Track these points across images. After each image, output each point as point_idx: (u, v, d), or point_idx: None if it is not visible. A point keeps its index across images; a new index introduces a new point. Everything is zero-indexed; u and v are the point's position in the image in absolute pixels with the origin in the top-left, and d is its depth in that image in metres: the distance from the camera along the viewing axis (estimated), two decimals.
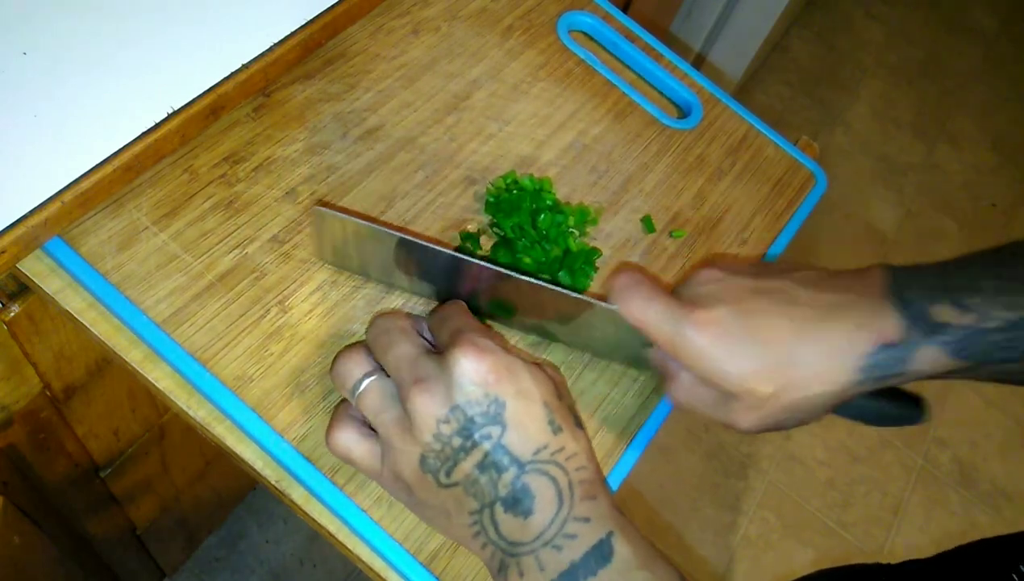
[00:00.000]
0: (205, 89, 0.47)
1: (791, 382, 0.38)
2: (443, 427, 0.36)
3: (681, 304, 0.40)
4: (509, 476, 0.36)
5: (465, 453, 0.36)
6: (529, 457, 0.36)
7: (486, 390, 0.36)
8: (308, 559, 1.15)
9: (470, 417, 0.36)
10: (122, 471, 0.70)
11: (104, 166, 0.43)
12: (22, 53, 0.45)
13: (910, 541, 1.41)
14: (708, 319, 0.39)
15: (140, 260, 0.44)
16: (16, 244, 0.41)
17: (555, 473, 0.36)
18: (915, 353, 0.37)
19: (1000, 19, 2.29)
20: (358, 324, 0.46)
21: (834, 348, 0.38)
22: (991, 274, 0.38)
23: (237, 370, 0.43)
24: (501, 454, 0.36)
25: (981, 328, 0.37)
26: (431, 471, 0.37)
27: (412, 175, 0.52)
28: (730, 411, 0.40)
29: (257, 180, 0.49)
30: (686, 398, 0.41)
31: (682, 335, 0.39)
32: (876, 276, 0.40)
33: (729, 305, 0.39)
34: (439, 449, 0.36)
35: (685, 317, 0.39)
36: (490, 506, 0.36)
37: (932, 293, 0.38)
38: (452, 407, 0.36)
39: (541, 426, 0.37)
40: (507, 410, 0.36)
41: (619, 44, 0.63)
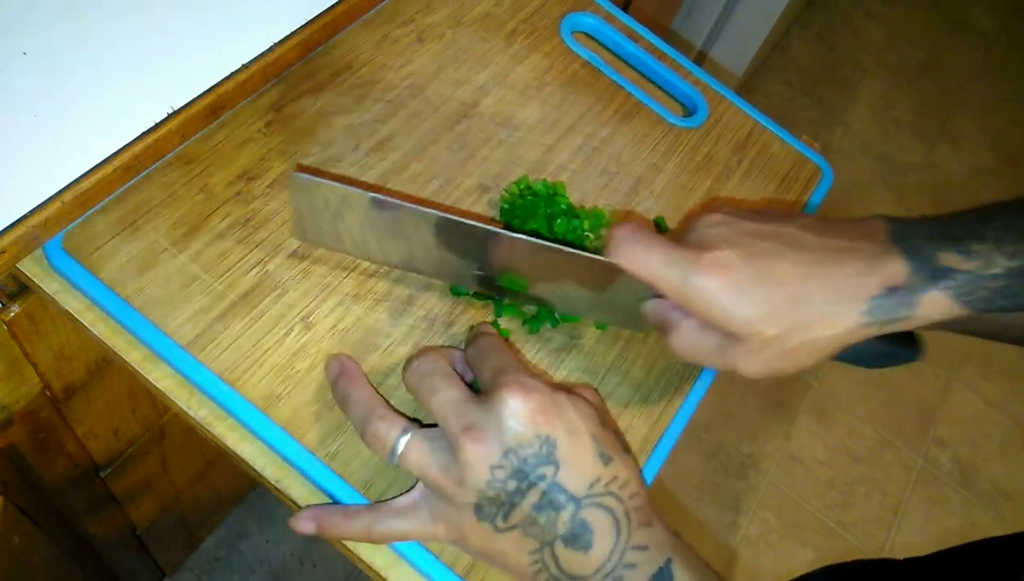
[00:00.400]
0: (205, 89, 0.47)
1: (797, 323, 0.38)
2: (497, 472, 0.36)
3: (685, 249, 0.39)
4: (567, 513, 0.36)
5: (521, 496, 0.36)
6: (584, 492, 0.36)
7: (536, 431, 0.36)
8: (308, 559, 1.15)
9: (523, 459, 0.36)
10: (122, 471, 0.70)
11: (104, 166, 0.43)
12: (22, 53, 0.45)
13: (910, 541, 1.41)
14: (715, 261, 0.38)
15: (161, 283, 0.44)
16: (16, 244, 0.41)
17: (611, 504, 0.36)
18: (921, 297, 0.37)
19: (1000, 19, 2.29)
20: (382, 337, 0.46)
21: (840, 291, 0.38)
22: (994, 223, 0.37)
23: (265, 390, 0.43)
24: (557, 492, 0.36)
25: (985, 274, 0.36)
26: (488, 518, 0.36)
27: (426, 185, 0.52)
28: (735, 356, 0.39)
29: (273, 196, 0.48)
30: (688, 347, 0.41)
31: (688, 280, 0.38)
32: (877, 225, 0.40)
33: (736, 248, 0.39)
34: (494, 495, 0.36)
35: (692, 261, 0.38)
36: (550, 544, 0.36)
37: (935, 240, 0.38)
38: (505, 451, 0.36)
39: (592, 459, 0.36)
40: (559, 448, 0.36)
41: (622, 44, 0.63)
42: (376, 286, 0.47)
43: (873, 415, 1.54)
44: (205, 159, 0.48)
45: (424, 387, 0.39)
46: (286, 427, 0.42)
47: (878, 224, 0.40)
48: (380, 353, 0.46)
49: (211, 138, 0.49)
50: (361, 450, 0.43)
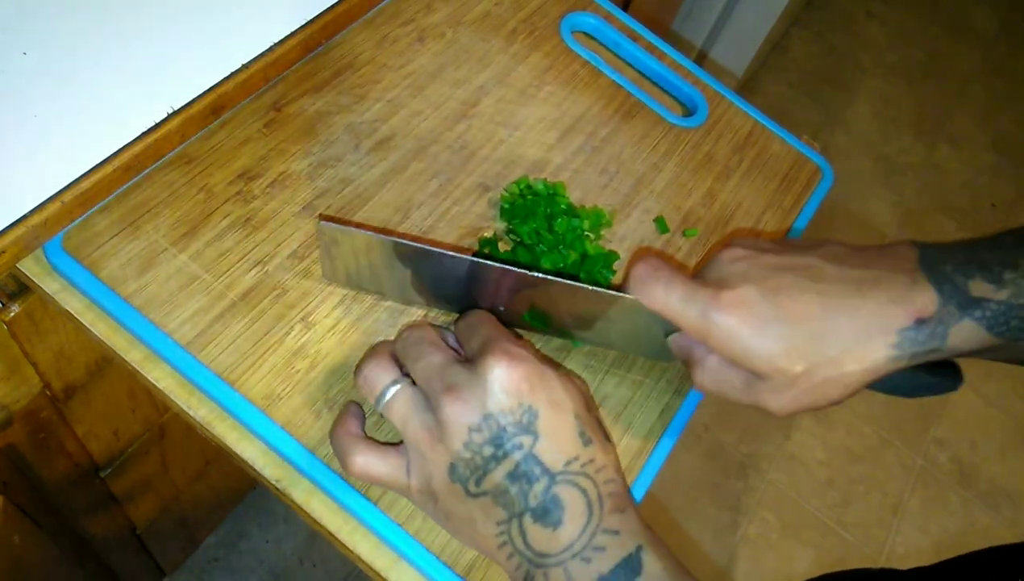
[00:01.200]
0: (205, 89, 0.47)
1: (823, 360, 0.37)
2: (475, 435, 0.35)
3: (705, 286, 0.39)
4: (540, 487, 0.35)
5: (496, 462, 0.36)
6: (560, 468, 0.36)
7: (520, 399, 0.36)
8: (308, 559, 1.15)
9: (502, 426, 0.35)
10: (122, 471, 0.70)
11: (104, 166, 0.43)
12: (22, 53, 0.45)
13: (910, 541, 1.41)
14: (735, 299, 0.38)
15: (161, 282, 0.44)
16: (16, 244, 0.41)
17: (585, 485, 0.36)
18: (951, 328, 0.36)
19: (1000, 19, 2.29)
20: (382, 337, 0.46)
21: (867, 324, 0.37)
22: (1021, 250, 0.37)
23: (265, 389, 0.43)
24: (532, 464, 0.35)
25: (1018, 302, 0.36)
26: (460, 480, 0.36)
27: (426, 185, 0.52)
28: (760, 393, 0.39)
29: (273, 196, 0.48)
30: (714, 383, 0.40)
31: (708, 318, 0.38)
32: (906, 251, 0.39)
33: (755, 283, 0.38)
34: (469, 458, 0.36)
35: (710, 299, 0.38)
36: (519, 516, 0.36)
37: (966, 267, 0.37)
38: (485, 415, 0.35)
39: (572, 437, 0.36)
40: (539, 420, 0.36)
41: (622, 44, 0.63)
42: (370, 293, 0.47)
43: (873, 415, 1.54)
44: (205, 159, 0.48)
45: (411, 354, 0.39)
46: (286, 427, 0.42)
47: (907, 251, 0.39)
48: None
49: (211, 138, 0.49)
50: None
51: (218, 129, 0.49)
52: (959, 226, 1.84)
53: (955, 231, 1.83)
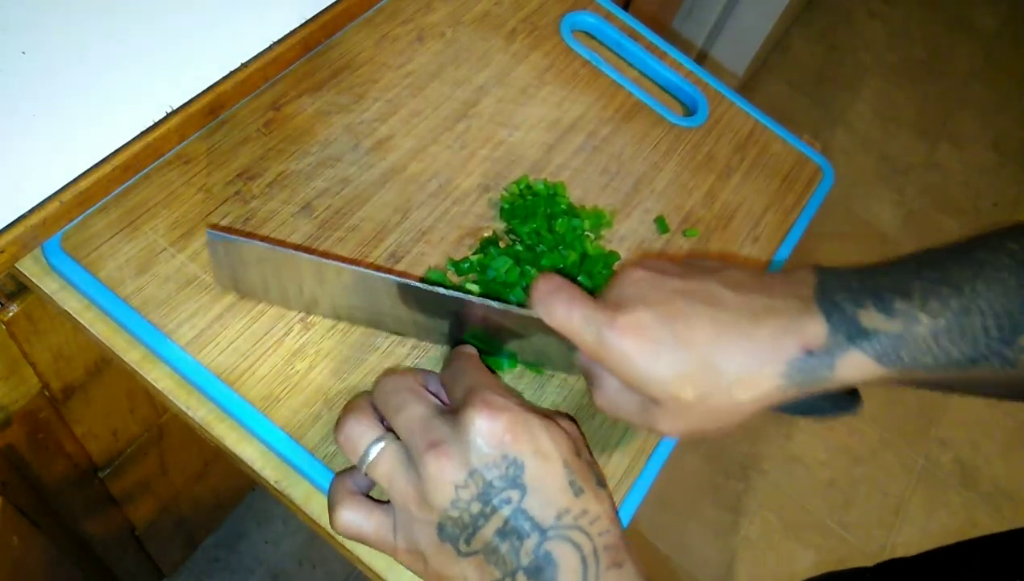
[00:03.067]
0: (204, 88, 0.47)
1: (714, 388, 0.37)
2: (461, 492, 0.34)
3: (603, 308, 0.38)
4: (531, 543, 0.34)
5: (485, 519, 0.34)
6: (551, 522, 0.34)
7: (503, 451, 0.35)
8: (307, 559, 1.14)
9: (488, 481, 0.34)
10: (121, 471, 0.70)
11: (103, 165, 0.43)
12: (21, 53, 0.45)
13: (911, 542, 1.41)
14: (629, 323, 0.37)
15: (160, 282, 0.44)
16: (15, 244, 0.41)
17: (579, 539, 0.35)
18: (840, 359, 0.36)
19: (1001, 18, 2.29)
20: (380, 337, 0.46)
21: (757, 353, 0.36)
22: (921, 277, 0.36)
23: (264, 390, 0.43)
24: (522, 520, 0.34)
25: (908, 334, 0.35)
26: (450, 539, 0.35)
27: (426, 184, 0.52)
28: (654, 417, 0.38)
29: (272, 196, 0.48)
30: (609, 404, 0.40)
31: (603, 340, 0.37)
32: (806, 278, 0.38)
33: (652, 307, 0.37)
34: (457, 516, 0.35)
35: (606, 322, 0.37)
36: (512, 575, 0.34)
37: (859, 297, 0.36)
38: (470, 471, 0.34)
39: (562, 488, 0.35)
40: (526, 472, 0.35)
41: (623, 43, 0.63)
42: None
43: (874, 415, 1.53)
44: (204, 158, 0.48)
45: (391, 404, 0.37)
46: (285, 427, 0.42)
47: (806, 277, 0.38)
48: (379, 353, 0.45)
49: (210, 137, 0.49)
50: None
51: (217, 129, 0.49)
52: (960, 225, 1.84)
53: (956, 230, 1.83)
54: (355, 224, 0.49)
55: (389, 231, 0.49)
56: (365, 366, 0.45)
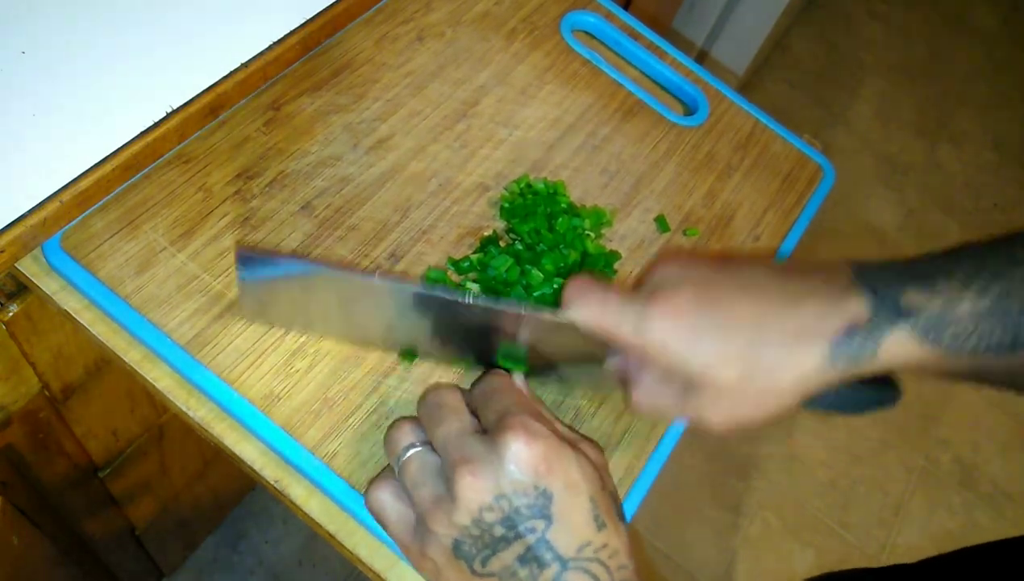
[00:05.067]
0: (204, 88, 0.47)
1: (757, 367, 0.36)
2: (486, 514, 0.34)
3: (639, 295, 0.38)
4: (551, 573, 0.34)
5: (506, 544, 0.35)
6: (572, 553, 0.35)
7: (536, 480, 0.35)
8: (308, 559, 1.14)
9: (516, 508, 0.34)
10: (121, 471, 0.70)
11: (103, 165, 0.43)
12: (21, 52, 0.45)
13: (911, 542, 1.41)
14: (668, 307, 0.37)
15: (159, 282, 0.44)
16: (15, 243, 0.41)
17: (598, 571, 0.35)
18: (884, 337, 0.36)
19: (1001, 18, 2.28)
20: None
21: (800, 332, 0.36)
22: (964, 262, 0.36)
23: (264, 389, 0.43)
24: (544, 549, 0.34)
25: (952, 313, 0.35)
26: (465, 557, 0.35)
27: (426, 184, 0.52)
28: (695, 406, 0.38)
29: (272, 195, 0.48)
30: (649, 400, 0.40)
31: (642, 327, 0.37)
32: (841, 267, 0.38)
33: (689, 290, 0.37)
34: (477, 535, 0.35)
35: (645, 304, 0.37)
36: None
37: (900, 278, 0.36)
38: (498, 495, 0.34)
39: (587, 521, 0.35)
40: (554, 503, 0.35)
41: (623, 42, 0.63)
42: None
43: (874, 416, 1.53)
44: (204, 158, 0.48)
45: (432, 417, 0.38)
46: (285, 427, 0.42)
47: (842, 266, 0.38)
48: (379, 353, 0.45)
49: (210, 137, 0.49)
50: (361, 450, 0.42)
51: (217, 128, 0.49)
52: (961, 225, 1.84)
53: (956, 230, 1.83)
54: (355, 223, 0.49)
55: (389, 230, 0.49)
56: (365, 365, 0.45)
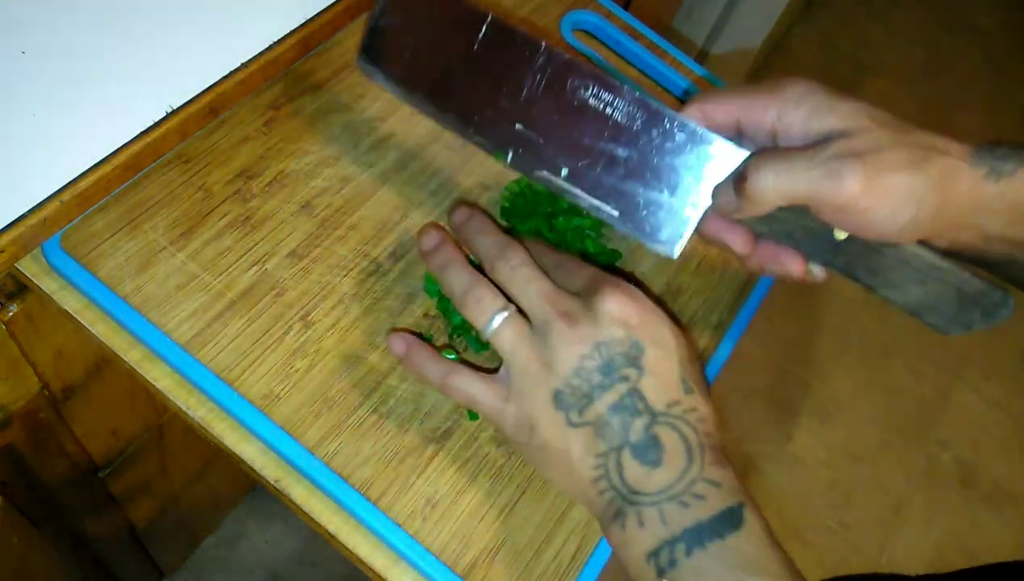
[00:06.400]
0: (204, 88, 0.47)
1: (911, 134, 0.38)
2: (586, 362, 0.36)
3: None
4: (641, 423, 0.36)
5: (602, 391, 0.36)
6: (662, 408, 0.36)
7: (629, 332, 0.37)
8: (307, 559, 1.14)
9: (611, 356, 0.36)
10: (121, 471, 0.70)
11: (103, 165, 0.43)
12: (21, 52, 0.45)
13: (911, 542, 1.41)
14: (799, 79, 0.40)
15: (159, 282, 0.44)
16: (15, 243, 0.41)
17: (685, 430, 0.36)
18: (1021, 154, 0.38)
19: (1001, 19, 2.29)
20: (381, 337, 0.46)
21: (946, 136, 0.39)
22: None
23: (264, 388, 0.43)
24: (636, 399, 0.36)
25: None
26: (564, 408, 0.37)
27: (426, 183, 0.52)
28: (840, 158, 0.37)
29: (272, 194, 0.48)
30: (778, 167, 0.38)
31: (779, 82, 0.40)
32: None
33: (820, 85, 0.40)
34: (577, 384, 0.36)
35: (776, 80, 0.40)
36: (618, 450, 0.36)
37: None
38: (596, 343, 0.36)
39: (675, 381, 0.37)
40: (646, 356, 0.37)
41: (623, 42, 0.63)
42: (375, 285, 0.47)
43: (874, 415, 1.53)
44: (204, 158, 0.48)
45: (520, 275, 0.39)
46: (285, 426, 0.42)
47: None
48: (379, 352, 0.45)
49: (210, 137, 0.49)
50: (361, 449, 0.42)
51: (217, 128, 0.49)
52: None
53: None
54: (355, 223, 0.49)
55: (390, 230, 0.49)
56: (365, 365, 0.45)
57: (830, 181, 0.36)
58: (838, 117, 0.38)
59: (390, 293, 0.47)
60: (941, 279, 0.41)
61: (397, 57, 0.44)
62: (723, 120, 0.41)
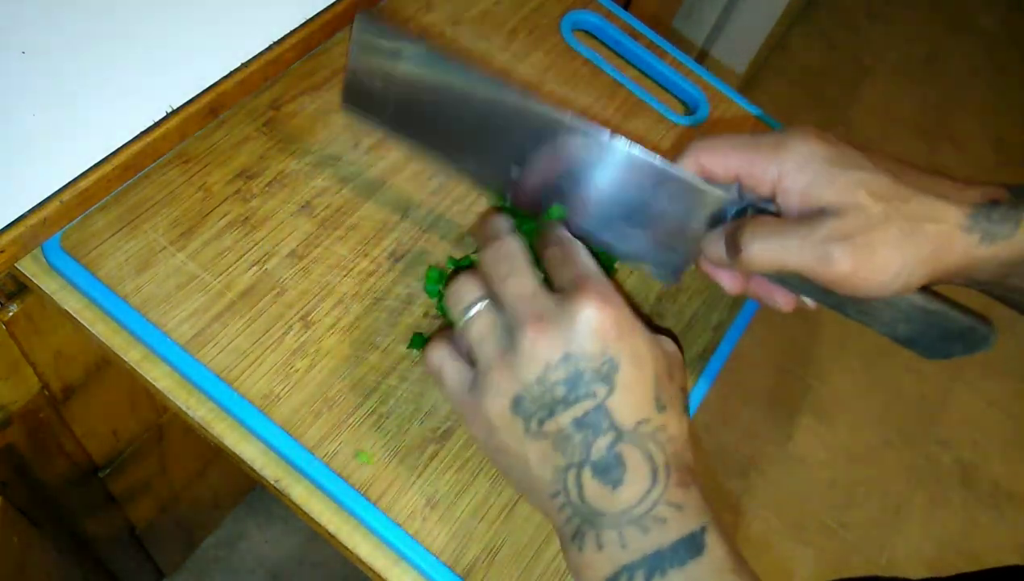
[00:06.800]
0: (204, 88, 0.47)
1: (902, 208, 0.38)
2: (551, 373, 0.35)
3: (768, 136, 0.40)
4: (605, 441, 0.34)
5: (565, 406, 0.35)
6: (630, 426, 0.35)
7: (604, 345, 0.35)
8: (307, 560, 1.14)
9: (580, 370, 0.34)
10: (121, 471, 0.70)
11: (103, 165, 0.43)
12: (21, 52, 0.45)
13: (911, 542, 1.41)
14: (810, 130, 0.40)
15: (159, 281, 0.44)
16: (15, 243, 0.41)
17: (652, 450, 0.35)
18: (1023, 215, 0.38)
19: (1001, 18, 2.29)
20: (381, 336, 0.46)
21: (943, 194, 0.39)
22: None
23: (264, 388, 0.43)
24: (602, 416, 0.34)
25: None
26: (523, 415, 0.35)
27: (425, 183, 0.52)
28: (827, 238, 0.38)
29: (272, 194, 0.48)
30: (765, 241, 0.39)
31: (782, 143, 0.40)
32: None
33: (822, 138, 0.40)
34: (539, 394, 0.35)
35: (780, 135, 0.40)
36: (578, 467, 0.35)
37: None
38: (565, 355, 0.35)
39: (647, 399, 0.35)
40: (619, 372, 0.35)
41: (623, 42, 0.63)
42: (376, 285, 0.47)
43: (874, 415, 1.53)
44: (204, 158, 0.48)
45: (500, 270, 0.37)
46: (285, 426, 0.42)
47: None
48: (379, 352, 0.45)
49: (210, 137, 0.49)
50: (361, 449, 0.42)
51: (217, 128, 0.49)
52: None
53: None
54: (355, 223, 0.49)
55: (390, 230, 0.49)
56: (365, 365, 0.45)
57: (820, 263, 0.38)
58: (836, 191, 0.38)
59: (390, 293, 0.47)
60: (927, 320, 0.42)
61: (380, 101, 0.44)
62: (722, 172, 0.41)
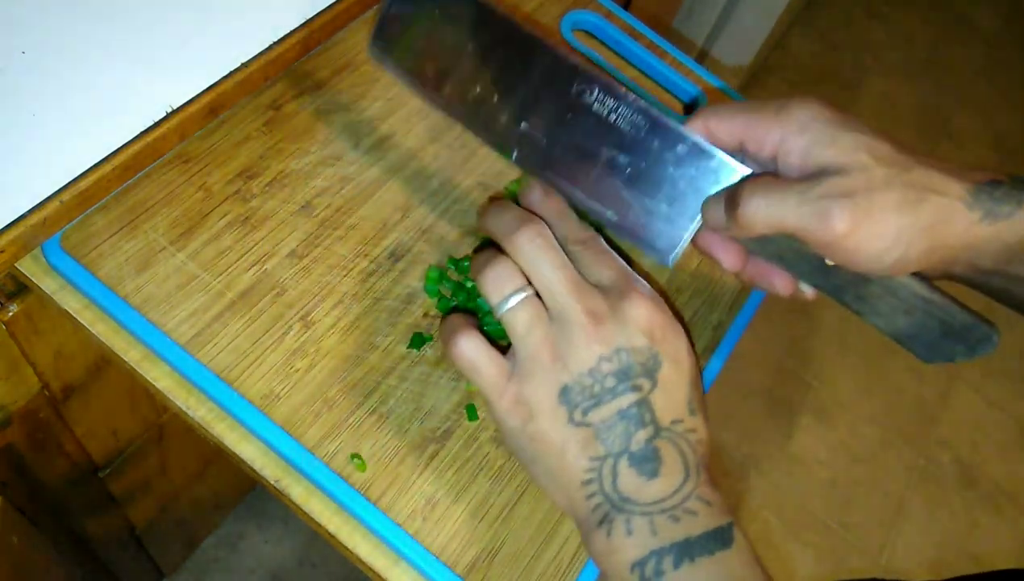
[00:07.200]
0: (204, 88, 0.47)
1: (904, 175, 0.37)
2: (604, 364, 0.36)
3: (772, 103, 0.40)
4: (644, 434, 0.36)
5: (612, 397, 0.36)
6: (667, 423, 0.36)
7: (651, 343, 0.37)
8: (307, 560, 1.14)
9: (629, 363, 0.36)
10: (121, 471, 0.70)
11: (103, 165, 0.43)
12: (21, 52, 0.45)
13: (911, 542, 1.41)
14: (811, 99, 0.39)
15: (159, 282, 0.44)
16: (15, 243, 0.41)
17: (685, 449, 0.36)
18: (1018, 193, 0.38)
19: (1001, 17, 2.29)
20: (381, 336, 0.46)
21: (945, 170, 0.38)
22: None
23: (264, 388, 0.43)
24: (644, 409, 0.36)
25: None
26: (569, 404, 0.36)
27: (426, 183, 0.52)
28: (826, 195, 0.37)
29: (272, 195, 0.48)
30: (766, 199, 0.38)
31: (783, 108, 0.39)
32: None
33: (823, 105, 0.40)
34: (588, 384, 0.36)
35: (784, 102, 0.39)
36: (616, 457, 0.36)
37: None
38: (617, 348, 0.36)
39: (683, 400, 0.37)
40: (662, 370, 0.37)
41: (623, 42, 0.63)
42: (376, 285, 0.47)
43: (874, 415, 1.53)
44: (204, 158, 0.48)
45: (545, 258, 0.37)
46: (285, 426, 0.42)
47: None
48: (379, 352, 0.45)
49: (210, 137, 0.49)
50: (361, 449, 0.42)
51: (217, 128, 0.49)
52: None
53: None
54: (355, 223, 0.49)
55: (390, 230, 0.49)
56: (365, 364, 0.45)
57: (818, 220, 0.37)
58: (837, 150, 0.38)
59: (390, 293, 0.47)
60: (928, 311, 0.41)
61: (407, 47, 0.44)
62: (727, 137, 0.41)
